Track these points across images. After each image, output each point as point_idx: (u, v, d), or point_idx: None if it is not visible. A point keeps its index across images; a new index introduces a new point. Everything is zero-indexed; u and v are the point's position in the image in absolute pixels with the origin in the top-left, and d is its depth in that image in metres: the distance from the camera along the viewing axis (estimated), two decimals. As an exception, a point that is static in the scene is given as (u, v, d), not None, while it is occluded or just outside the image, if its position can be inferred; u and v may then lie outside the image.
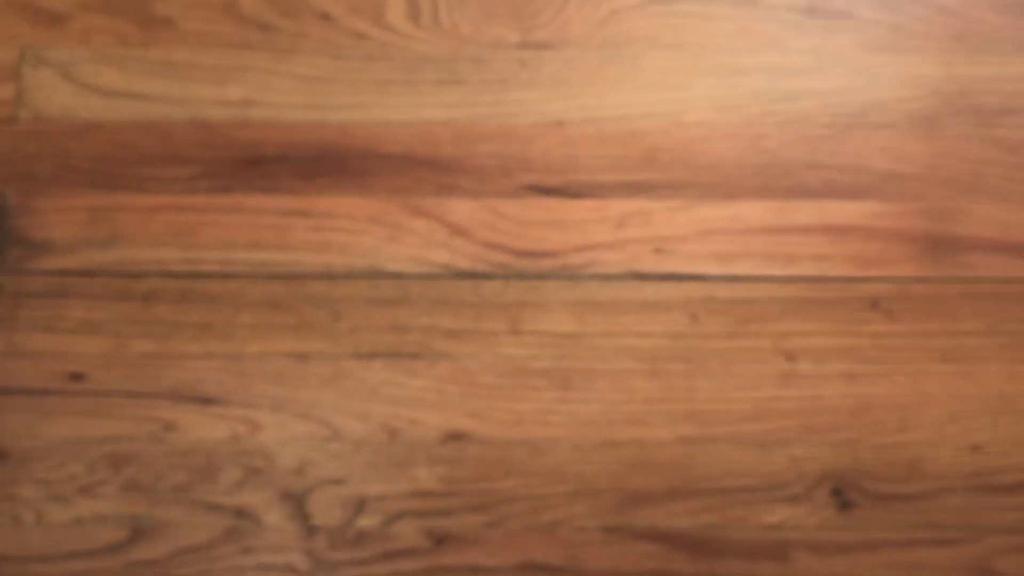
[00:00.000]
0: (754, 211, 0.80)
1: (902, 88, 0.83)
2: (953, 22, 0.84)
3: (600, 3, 0.85)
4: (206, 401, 0.78)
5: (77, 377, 0.78)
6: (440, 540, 0.76)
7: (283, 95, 0.83)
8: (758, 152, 0.81)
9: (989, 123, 0.82)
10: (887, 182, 0.81)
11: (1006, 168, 0.81)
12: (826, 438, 0.77)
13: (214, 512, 0.76)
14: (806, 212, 0.80)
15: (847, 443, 0.77)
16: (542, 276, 0.80)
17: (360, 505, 0.76)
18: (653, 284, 0.79)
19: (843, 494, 0.76)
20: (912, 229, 0.80)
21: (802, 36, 0.84)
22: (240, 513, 0.76)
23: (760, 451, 0.76)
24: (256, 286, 0.79)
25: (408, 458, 0.76)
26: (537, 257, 0.80)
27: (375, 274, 0.79)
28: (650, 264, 0.80)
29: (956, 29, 0.84)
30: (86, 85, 0.84)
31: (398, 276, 0.79)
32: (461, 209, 0.81)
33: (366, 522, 0.76)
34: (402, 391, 0.77)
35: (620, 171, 0.82)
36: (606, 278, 0.80)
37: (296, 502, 0.76)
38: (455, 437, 0.77)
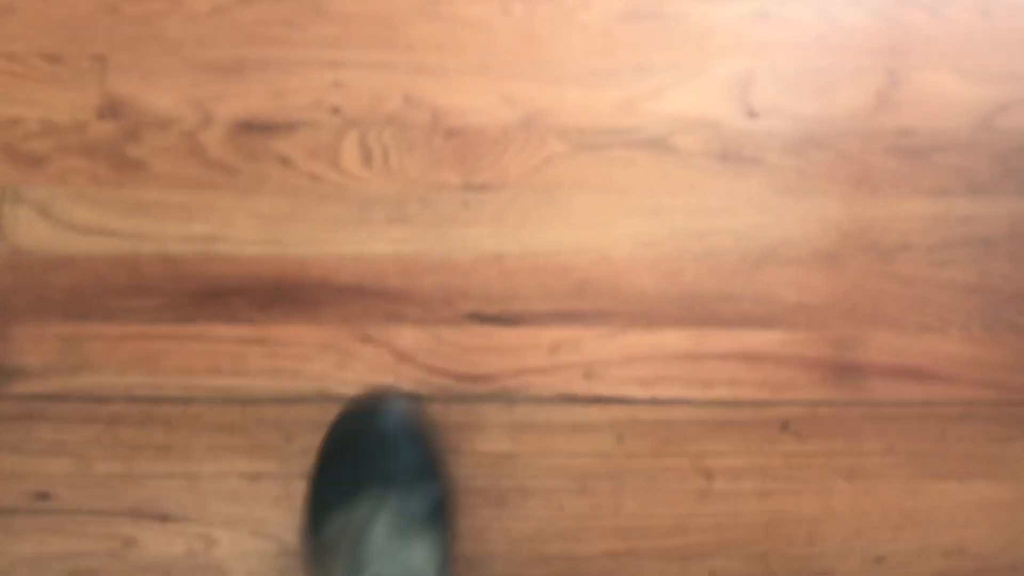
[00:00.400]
0: (674, 339, 0.88)
1: (808, 227, 0.91)
2: (853, 167, 0.93)
3: (535, 150, 0.93)
4: (165, 518, 0.83)
5: (43, 496, 0.83)
6: (382, 651, 0.80)
7: (244, 232, 0.91)
8: (677, 284, 0.89)
9: (887, 259, 0.90)
10: (795, 313, 0.88)
11: (902, 300, 0.89)
12: (742, 551, 0.83)
13: (169, 625, 0.81)
14: (721, 340, 0.87)
15: (761, 556, 0.82)
16: (480, 399, 0.86)
17: (307, 618, 0.81)
18: (582, 407, 0.86)
19: (758, 604, 0.81)
20: (818, 356, 0.87)
21: (716, 179, 0.92)
22: (193, 626, 0.81)
23: (681, 564, 0.82)
24: (213, 410, 0.85)
25: (352, 572, 0.81)
26: (476, 381, 0.87)
27: (324, 398, 0.85)
28: (580, 388, 0.86)
29: (856, 173, 0.93)
30: (62, 222, 0.91)
31: (346, 400, 0.85)
32: (406, 336, 0.88)
33: (312, 634, 0.81)
34: (348, 509, 0.83)
35: (553, 301, 0.89)
36: (539, 401, 0.86)
37: (247, 615, 0.81)
38: (397, 552, 0.82)
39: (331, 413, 0.84)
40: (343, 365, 0.86)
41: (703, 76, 0.95)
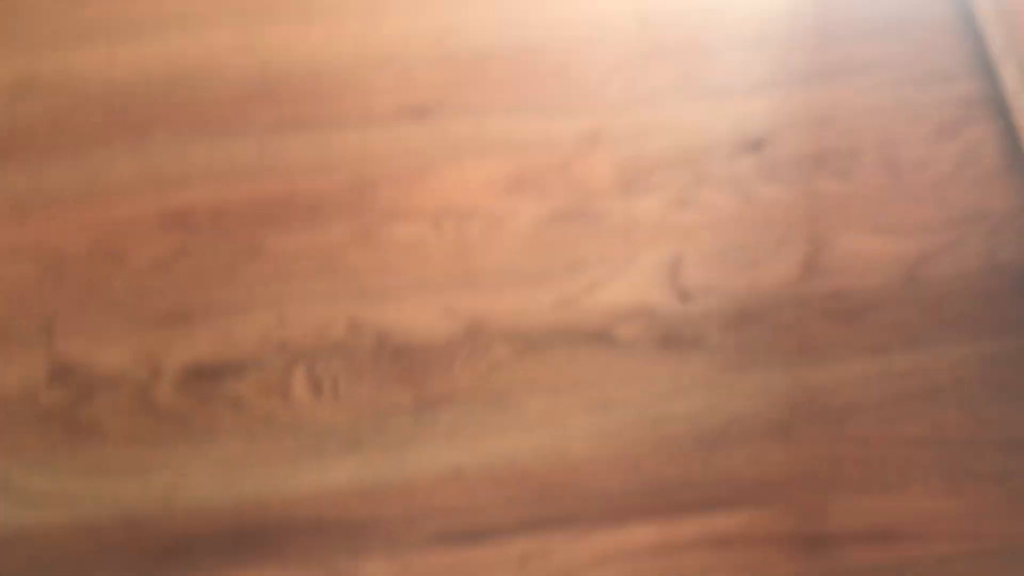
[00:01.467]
0: (642, 533, 0.87)
1: (756, 401, 0.92)
2: (792, 337, 0.95)
3: (481, 358, 0.95)
4: None
5: None
6: None
7: (202, 480, 0.91)
8: (638, 476, 0.89)
9: (838, 422, 0.91)
10: (757, 490, 0.89)
11: (860, 462, 0.90)
12: None
13: None
14: (689, 528, 0.87)
15: None
16: (456, 622, 0.85)
17: None
18: (559, 617, 0.84)
19: None
20: (786, 531, 0.87)
21: (660, 366, 0.94)
22: None
23: None
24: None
25: None
26: (450, 603, 0.86)
27: (297, 645, 0.83)
28: (555, 597, 0.85)
29: (795, 342, 0.95)
30: (17, 494, 0.90)
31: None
32: (374, 569, 0.87)
33: None
34: None
35: (517, 509, 0.89)
36: (516, 616, 0.85)
37: None
38: None
39: (305, 660, 0.83)
40: (313, 606, 0.85)
41: (633, 266, 0.98)
